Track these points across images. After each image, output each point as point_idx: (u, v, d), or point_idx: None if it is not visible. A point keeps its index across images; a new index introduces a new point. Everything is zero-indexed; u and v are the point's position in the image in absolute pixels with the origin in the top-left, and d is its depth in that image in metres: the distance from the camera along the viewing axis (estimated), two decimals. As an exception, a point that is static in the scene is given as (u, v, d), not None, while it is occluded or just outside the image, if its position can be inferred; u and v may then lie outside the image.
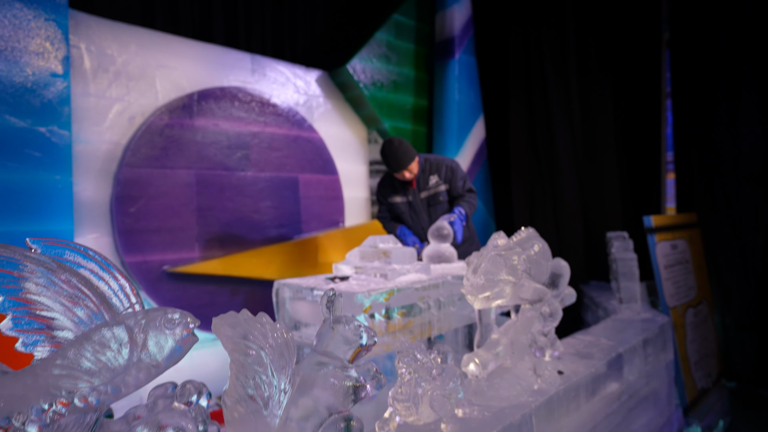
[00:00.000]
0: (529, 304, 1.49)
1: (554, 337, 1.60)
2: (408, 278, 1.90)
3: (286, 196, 3.20)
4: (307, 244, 3.27)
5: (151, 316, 0.90)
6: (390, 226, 2.85)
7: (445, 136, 3.86)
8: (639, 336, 2.14)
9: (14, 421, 0.80)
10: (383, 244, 2.03)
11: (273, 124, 3.16)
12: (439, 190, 2.71)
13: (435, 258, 2.32)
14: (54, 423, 0.83)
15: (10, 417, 0.80)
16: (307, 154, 3.35)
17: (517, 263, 1.43)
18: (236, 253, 2.91)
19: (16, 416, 0.80)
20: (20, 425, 0.80)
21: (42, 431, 0.82)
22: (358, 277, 1.97)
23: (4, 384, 0.83)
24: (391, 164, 2.59)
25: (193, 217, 2.76)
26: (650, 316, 2.50)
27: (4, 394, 0.81)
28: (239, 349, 0.91)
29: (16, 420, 0.80)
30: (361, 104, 3.68)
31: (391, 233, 2.82)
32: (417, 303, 1.83)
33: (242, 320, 0.93)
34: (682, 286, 3.16)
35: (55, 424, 0.83)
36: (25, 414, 0.81)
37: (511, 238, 1.56)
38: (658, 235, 3.04)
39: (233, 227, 2.91)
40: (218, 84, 2.94)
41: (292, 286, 1.89)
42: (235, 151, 2.95)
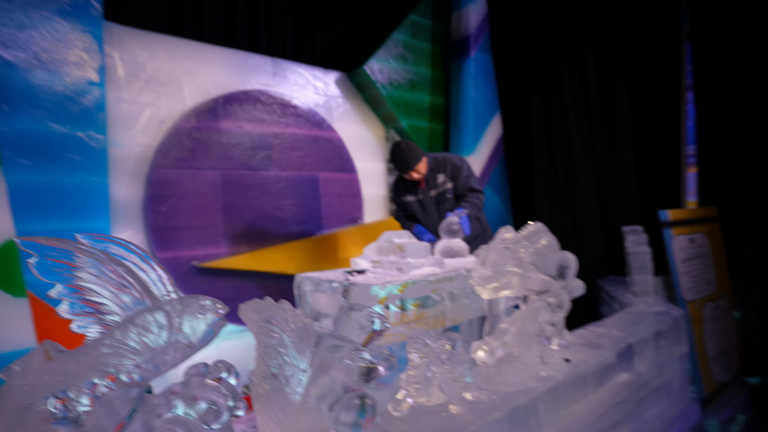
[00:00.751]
0: (536, 294, 1.56)
1: (562, 326, 1.66)
2: (422, 271, 1.98)
3: (306, 194, 3.32)
4: (327, 240, 3.38)
5: (186, 302, 1.01)
6: (407, 225, 2.94)
7: (461, 133, 3.92)
8: (651, 328, 2.18)
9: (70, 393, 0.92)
10: (398, 239, 2.12)
11: (294, 125, 3.28)
12: (446, 188, 2.78)
13: (446, 253, 2.39)
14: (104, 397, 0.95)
15: (66, 390, 0.93)
16: (326, 153, 3.46)
17: (524, 255, 1.50)
18: (260, 249, 3.04)
19: (73, 389, 0.93)
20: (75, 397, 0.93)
21: (93, 403, 0.94)
22: (374, 270, 2.07)
23: (61, 361, 0.95)
24: (399, 166, 2.69)
25: (219, 215, 2.90)
26: (664, 309, 2.53)
27: (61, 370, 0.94)
28: (264, 332, 1.02)
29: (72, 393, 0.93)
30: (379, 104, 3.77)
31: (408, 231, 2.92)
32: (431, 295, 1.91)
33: (266, 306, 1.04)
34: (701, 280, 3.15)
35: (105, 397, 0.96)
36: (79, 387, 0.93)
37: (519, 232, 1.63)
38: (675, 229, 3.05)
39: (257, 224, 3.05)
40: (242, 88, 3.08)
41: (312, 279, 2.00)
42: (258, 151, 3.09)
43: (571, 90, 3.90)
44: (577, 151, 3.83)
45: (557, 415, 1.55)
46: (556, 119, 3.92)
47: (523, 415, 1.36)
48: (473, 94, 3.92)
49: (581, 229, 3.83)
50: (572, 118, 3.86)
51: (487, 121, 4.01)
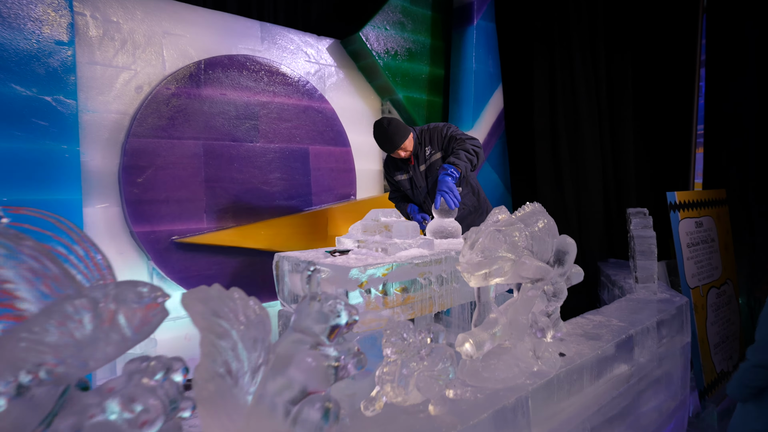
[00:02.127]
0: (530, 282, 1.42)
1: (557, 317, 1.53)
2: (409, 253, 1.84)
3: (296, 167, 3.16)
4: (317, 216, 3.24)
5: (120, 289, 0.87)
6: (401, 206, 2.79)
7: (461, 106, 3.73)
8: (653, 317, 2.05)
9: (-18, 392, 0.79)
10: (385, 217, 1.97)
11: (282, 94, 3.10)
12: (434, 160, 2.61)
13: (438, 233, 2.25)
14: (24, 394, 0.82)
15: (-23, 389, 0.79)
16: (317, 125, 3.28)
17: (518, 239, 1.35)
18: (245, 225, 2.90)
19: (-16, 388, 0.79)
20: (-11, 397, 0.79)
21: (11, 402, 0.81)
22: (359, 251, 1.93)
23: (-29, 357, 0.81)
24: (384, 146, 2.52)
25: (201, 188, 2.75)
26: (668, 296, 2.40)
27: (-30, 366, 0.80)
28: (210, 325, 0.88)
29: (-15, 392, 0.79)
30: (375, 74, 3.57)
31: (402, 212, 2.77)
32: (417, 279, 1.78)
33: (213, 296, 0.89)
34: (706, 265, 3.02)
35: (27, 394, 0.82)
36: (-8, 386, 0.80)
37: (515, 213, 1.48)
38: (682, 212, 2.89)
39: (242, 198, 2.90)
40: (226, 52, 2.88)
41: (290, 259, 1.86)
42: (243, 121, 2.91)
43: (581, 64, 3.68)
44: (584, 128, 3.64)
45: (549, 412, 1.43)
46: (563, 94, 3.71)
47: (511, 416, 1.23)
48: (474, 65, 3.70)
49: (584, 210, 3.68)
50: (581, 94, 3.65)
51: (488, 95, 3.81)
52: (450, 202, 2.27)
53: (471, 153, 2.46)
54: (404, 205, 2.77)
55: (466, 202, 2.72)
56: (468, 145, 2.48)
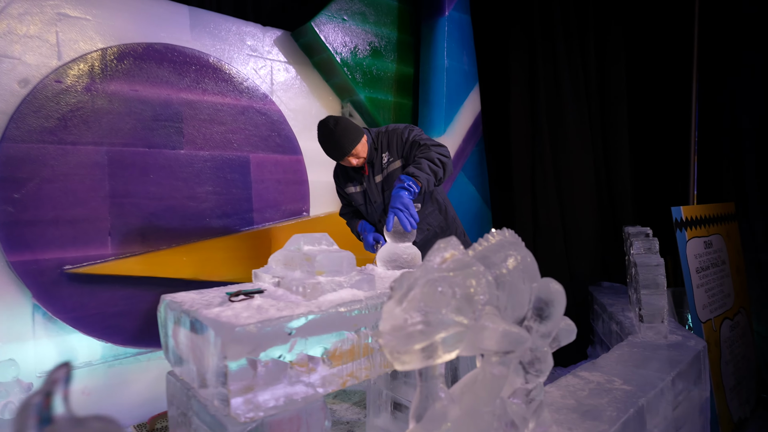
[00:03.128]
0: (497, 355, 0.93)
1: (539, 401, 1.03)
2: (337, 296, 1.34)
3: (232, 179, 2.65)
4: (258, 237, 2.72)
5: None
6: (352, 224, 2.31)
7: (431, 109, 3.26)
8: (667, 373, 1.56)
9: None
10: (310, 245, 1.47)
11: (215, 92, 2.60)
12: (393, 170, 2.12)
13: (390, 262, 1.75)
14: None
15: None
16: (260, 129, 2.78)
17: (474, 291, 0.86)
18: (164, 250, 2.38)
19: None
20: None
21: None
22: (274, 292, 1.42)
23: None
24: (331, 152, 2.03)
25: (105, 205, 2.22)
26: (680, 338, 1.92)
27: None
28: None
29: None
30: (332, 71, 3.09)
31: (353, 231, 2.28)
32: (345, 333, 1.27)
33: None
34: (717, 293, 2.55)
35: None
36: None
37: (474, 247, 0.99)
38: (689, 231, 2.43)
39: (160, 218, 2.38)
40: (143, 40, 2.38)
41: (175, 305, 1.34)
42: (162, 123, 2.40)
43: (567, 59, 3.24)
44: (571, 134, 3.19)
45: None
46: (547, 95, 3.26)
47: None
48: (446, 62, 3.24)
49: (572, 226, 3.21)
50: (567, 94, 3.20)
51: (463, 96, 3.35)
52: (405, 223, 1.78)
53: (436, 163, 1.97)
54: (354, 222, 2.28)
55: (431, 221, 2.23)
56: (433, 153, 1.99)
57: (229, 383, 1.06)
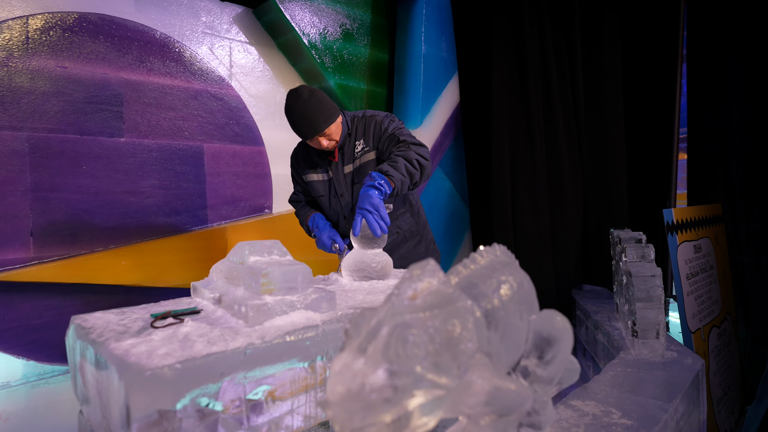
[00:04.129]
0: (487, 417, 0.70)
1: (538, 467, 0.81)
2: (288, 320, 1.09)
3: (183, 172, 2.35)
4: (213, 237, 2.44)
5: None
6: (302, 214, 2.03)
7: (407, 98, 3.02)
8: (669, 402, 1.38)
9: None
10: (256, 255, 1.21)
11: (162, 73, 2.29)
12: (366, 161, 1.88)
13: (356, 271, 1.52)
14: None
15: None
16: (216, 117, 2.49)
17: (460, 338, 0.62)
18: (98, 252, 2.07)
19: None
20: None
21: None
22: (211, 313, 1.16)
23: None
24: (300, 127, 1.75)
25: (26, 200, 1.90)
26: (675, 355, 1.74)
27: None
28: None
29: None
30: (298, 54, 2.81)
31: (303, 224, 2.01)
32: (297, 368, 1.02)
33: None
34: (706, 300, 2.41)
35: None
36: None
37: (456, 270, 0.75)
38: (680, 234, 2.27)
39: (94, 215, 2.07)
40: (73, 8, 2.05)
41: (83, 332, 1.07)
42: (97, 107, 2.09)
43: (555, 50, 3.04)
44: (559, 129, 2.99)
45: None
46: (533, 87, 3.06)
47: None
48: (423, 48, 3.00)
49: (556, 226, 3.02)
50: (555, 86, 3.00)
51: (441, 85, 3.12)
52: (374, 227, 1.54)
53: (414, 165, 1.73)
54: (306, 213, 2.00)
55: (401, 224, 2.00)
56: (412, 152, 1.75)
57: (135, 444, 0.80)
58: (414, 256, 2.01)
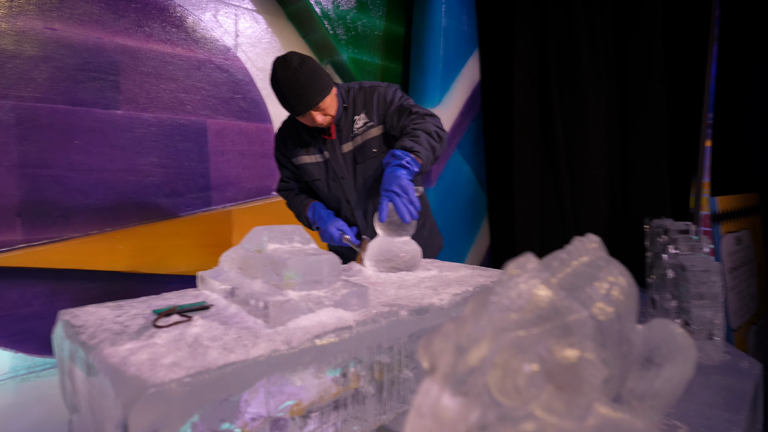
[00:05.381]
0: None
1: None
2: (315, 319, 0.92)
3: (185, 149, 2.17)
4: (217, 220, 2.26)
5: None
6: (297, 204, 1.82)
7: (426, 75, 2.82)
8: (737, 413, 1.23)
9: None
10: (276, 242, 1.03)
11: (162, 40, 2.09)
12: (370, 137, 1.68)
13: (383, 262, 1.35)
14: None
15: None
16: (221, 90, 2.29)
17: (581, 368, 0.46)
18: (93, 235, 1.90)
19: None
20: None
21: None
22: (223, 309, 0.99)
23: None
24: (291, 101, 1.51)
25: (12, 177, 1.72)
26: (728, 358, 1.59)
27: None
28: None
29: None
30: (310, 24, 2.60)
31: (300, 216, 1.79)
32: (328, 381, 0.86)
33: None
34: (746, 296, 2.26)
35: None
36: None
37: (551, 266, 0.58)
38: (724, 225, 2.11)
39: (88, 195, 1.89)
40: (65, -34, 1.84)
41: (72, 331, 0.90)
42: (90, 75, 1.89)
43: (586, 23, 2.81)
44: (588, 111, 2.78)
45: None
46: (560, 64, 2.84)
47: None
48: (444, 22, 2.79)
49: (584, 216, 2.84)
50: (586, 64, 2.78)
51: (461, 62, 2.91)
52: (403, 212, 1.37)
53: (434, 138, 1.56)
54: (302, 203, 1.80)
55: None
56: (430, 124, 1.57)
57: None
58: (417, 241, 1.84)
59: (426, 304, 1.06)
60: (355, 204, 1.74)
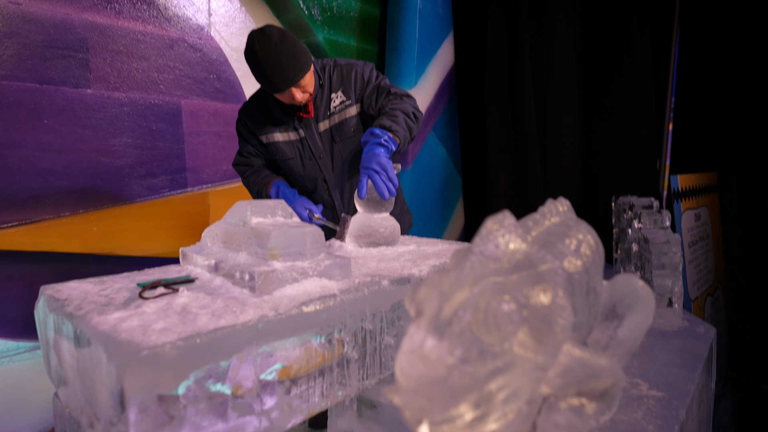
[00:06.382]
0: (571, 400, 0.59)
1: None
2: (301, 288, 0.95)
3: (159, 130, 2.13)
4: (194, 202, 2.25)
5: None
6: (257, 181, 1.73)
7: (401, 57, 2.83)
8: (693, 371, 1.33)
9: None
10: (259, 216, 1.06)
11: (133, 17, 2.04)
12: (347, 116, 1.70)
13: (363, 237, 1.38)
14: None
15: None
16: (195, 70, 2.26)
17: (553, 309, 0.50)
18: (65, 217, 1.86)
19: None
20: None
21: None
22: (208, 282, 1.01)
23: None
24: (271, 78, 1.48)
25: (-22, 158, 1.67)
26: (686, 324, 1.70)
27: None
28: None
29: None
30: (284, 4, 2.58)
31: (261, 195, 1.71)
32: (315, 346, 0.89)
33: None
34: (703, 269, 2.40)
35: None
36: None
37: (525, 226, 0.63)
38: (684, 202, 2.23)
39: (60, 176, 1.85)
40: (27, -63, 1.77)
41: (56, 305, 0.91)
42: (59, 52, 1.84)
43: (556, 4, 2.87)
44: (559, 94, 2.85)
45: None
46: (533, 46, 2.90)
47: None
48: (420, 3, 2.81)
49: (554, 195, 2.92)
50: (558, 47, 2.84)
51: (437, 44, 2.94)
52: (382, 188, 1.40)
53: (411, 118, 1.60)
54: (265, 182, 1.72)
55: None
56: (407, 105, 1.62)
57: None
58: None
59: (406, 275, 1.11)
60: (333, 184, 1.76)
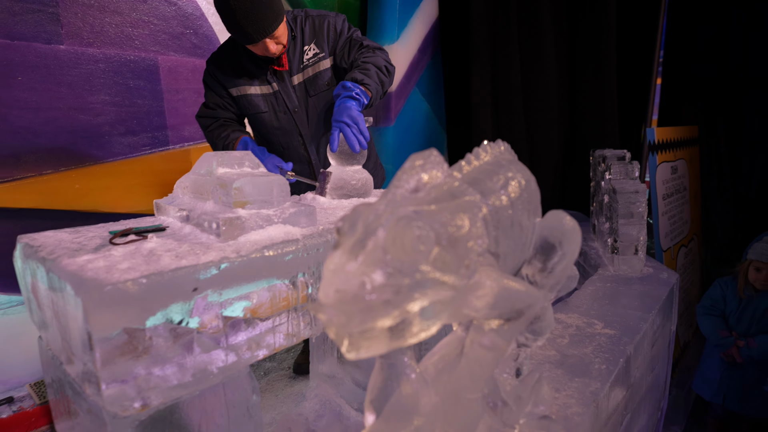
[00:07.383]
0: (492, 322, 0.64)
1: (538, 375, 0.78)
2: (265, 234, 1.00)
3: (137, 87, 2.12)
4: (175, 159, 2.27)
5: None
6: (222, 136, 1.66)
7: (383, 10, 2.78)
8: (648, 312, 1.40)
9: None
10: (225, 167, 1.09)
11: (103, -31, 1.99)
12: (321, 69, 1.70)
13: (336, 189, 1.42)
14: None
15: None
16: (171, 25, 2.22)
17: (468, 235, 0.55)
18: (47, 174, 1.89)
19: None
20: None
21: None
22: (178, 230, 1.05)
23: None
24: (245, 28, 1.43)
25: (-46, 116, 1.68)
26: (651, 271, 1.77)
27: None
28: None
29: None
30: (261, -46, 2.49)
31: (226, 149, 1.66)
32: (280, 288, 0.95)
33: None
34: (678, 221, 2.46)
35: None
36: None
37: (459, 166, 0.67)
38: (660, 155, 2.26)
39: (39, 134, 1.86)
40: None
41: (31, 251, 0.95)
42: (28, 6, 1.81)
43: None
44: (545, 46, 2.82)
45: None
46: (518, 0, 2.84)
47: None
48: (401, -48, 2.73)
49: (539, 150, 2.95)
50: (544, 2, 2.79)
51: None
52: (353, 141, 1.43)
53: (383, 72, 1.61)
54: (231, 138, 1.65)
55: None
56: (380, 58, 1.62)
57: (99, 366, 0.72)
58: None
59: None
60: (309, 139, 1.77)
